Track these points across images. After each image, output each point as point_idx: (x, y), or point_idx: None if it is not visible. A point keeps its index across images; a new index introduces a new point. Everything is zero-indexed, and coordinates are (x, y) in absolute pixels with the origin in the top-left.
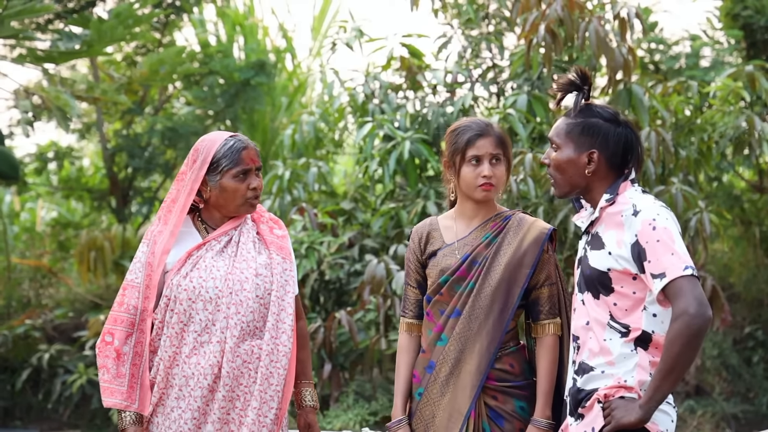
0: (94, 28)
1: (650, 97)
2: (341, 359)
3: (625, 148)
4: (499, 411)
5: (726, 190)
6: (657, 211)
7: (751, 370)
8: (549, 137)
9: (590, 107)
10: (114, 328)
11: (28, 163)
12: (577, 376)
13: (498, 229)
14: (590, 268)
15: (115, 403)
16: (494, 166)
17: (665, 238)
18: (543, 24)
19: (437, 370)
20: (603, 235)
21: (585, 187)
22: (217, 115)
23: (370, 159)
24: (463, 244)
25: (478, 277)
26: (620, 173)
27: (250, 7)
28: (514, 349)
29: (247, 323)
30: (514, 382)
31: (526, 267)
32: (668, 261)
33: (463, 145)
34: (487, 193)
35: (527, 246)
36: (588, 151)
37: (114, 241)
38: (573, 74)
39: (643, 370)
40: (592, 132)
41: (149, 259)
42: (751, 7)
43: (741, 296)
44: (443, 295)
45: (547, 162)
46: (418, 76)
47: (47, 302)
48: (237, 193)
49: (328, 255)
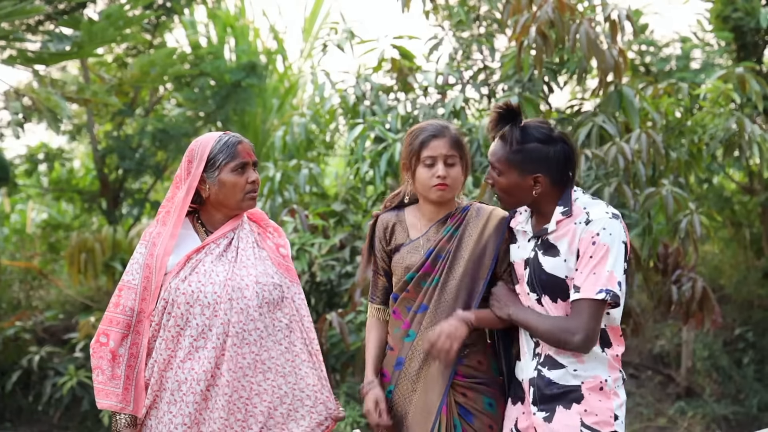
0: (84, 29)
1: (641, 99)
2: (332, 361)
3: (566, 163)
4: (469, 408)
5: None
6: (604, 224)
7: (742, 372)
8: (489, 160)
9: (526, 131)
10: (109, 329)
11: (18, 164)
12: (543, 368)
13: (458, 221)
14: (546, 273)
15: (110, 405)
16: (449, 167)
17: (598, 254)
18: (534, 26)
19: (406, 365)
20: (557, 243)
21: (532, 203)
22: (208, 116)
23: (361, 161)
24: (426, 240)
25: (442, 271)
26: (564, 182)
27: (241, 9)
28: (481, 346)
29: (249, 332)
30: (482, 378)
31: (488, 258)
32: (587, 279)
33: (418, 146)
34: (442, 193)
35: (488, 236)
36: (533, 176)
37: (105, 243)
38: (500, 108)
39: (613, 369)
40: (534, 158)
41: (147, 260)
42: (741, 10)
43: (731, 298)
44: (410, 292)
45: (491, 182)
46: (409, 78)
47: (37, 304)
48: (236, 187)
49: (319, 257)
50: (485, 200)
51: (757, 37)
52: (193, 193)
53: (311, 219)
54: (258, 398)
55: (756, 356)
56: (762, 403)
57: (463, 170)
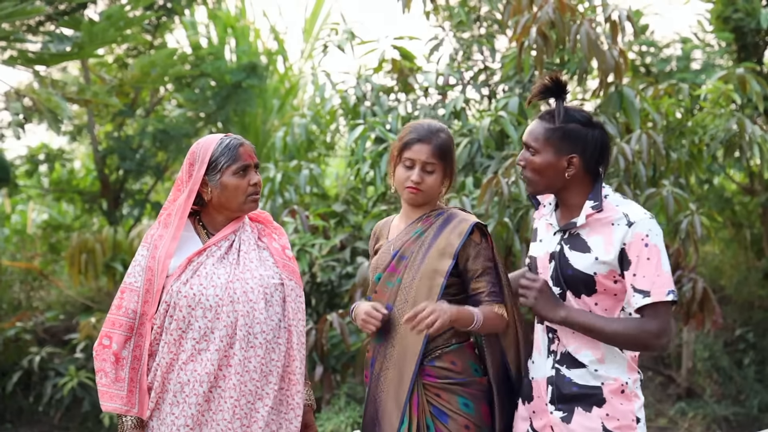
0: (85, 30)
1: (641, 99)
2: (333, 362)
3: (601, 151)
4: (443, 408)
5: (717, 192)
6: (649, 226)
7: (742, 373)
8: (524, 141)
9: (567, 111)
10: (112, 331)
11: (19, 165)
12: (562, 366)
13: (428, 224)
14: (572, 269)
15: (115, 408)
16: (426, 174)
17: (654, 257)
18: (534, 27)
19: (376, 367)
20: (588, 239)
21: (561, 187)
22: (208, 117)
23: (362, 161)
24: (396, 240)
25: (404, 271)
26: (594, 174)
27: (242, 10)
28: (456, 346)
29: (255, 335)
30: (456, 379)
31: (447, 256)
32: (654, 282)
33: (401, 145)
34: (413, 197)
35: (450, 237)
36: (568, 156)
37: (105, 244)
38: (548, 80)
39: (632, 370)
40: (573, 137)
41: (149, 263)
42: (741, 10)
43: (732, 298)
44: (378, 293)
45: (523, 164)
46: (410, 79)
47: (38, 305)
48: (238, 189)
49: (319, 257)
50: (485, 201)
51: (757, 37)
52: (195, 196)
53: (312, 220)
54: (261, 402)
55: (756, 357)
56: (762, 404)
57: (443, 178)
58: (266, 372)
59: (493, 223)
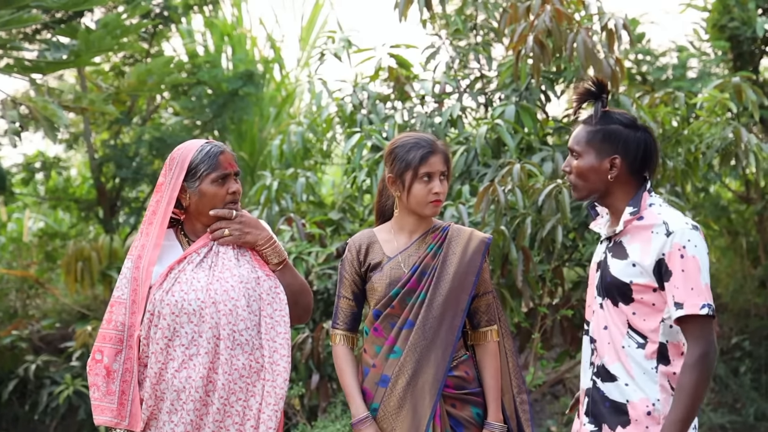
0: (81, 38)
1: (638, 107)
2: (329, 370)
3: (645, 153)
4: (458, 418)
5: (713, 200)
6: (688, 236)
7: (739, 381)
8: (569, 146)
9: (609, 114)
10: (103, 345)
11: (15, 173)
12: (598, 378)
13: (440, 239)
14: (611, 276)
15: (105, 421)
16: (441, 183)
17: (691, 269)
18: (531, 35)
19: (393, 382)
20: (627, 246)
21: (605, 191)
22: (205, 125)
23: (359, 169)
24: (407, 256)
25: (428, 287)
26: (639, 178)
27: (239, 18)
28: (466, 357)
29: (239, 332)
30: (469, 389)
31: (471, 274)
32: (688, 294)
33: (417, 162)
34: (436, 209)
35: (471, 254)
36: (610, 157)
37: (101, 252)
38: (589, 83)
39: (665, 389)
40: (614, 138)
41: (134, 273)
42: (737, 19)
43: (728, 307)
44: (395, 308)
45: (568, 170)
46: (406, 87)
47: (34, 313)
48: (216, 197)
49: (316, 265)
50: (481, 210)
51: (753, 46)
52: (175, 201)
53: (308, 228)
54: (253, 399)
55: (753, 365)
56: (759, 412)
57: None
58: (257, 368)
59: (490, 231)
